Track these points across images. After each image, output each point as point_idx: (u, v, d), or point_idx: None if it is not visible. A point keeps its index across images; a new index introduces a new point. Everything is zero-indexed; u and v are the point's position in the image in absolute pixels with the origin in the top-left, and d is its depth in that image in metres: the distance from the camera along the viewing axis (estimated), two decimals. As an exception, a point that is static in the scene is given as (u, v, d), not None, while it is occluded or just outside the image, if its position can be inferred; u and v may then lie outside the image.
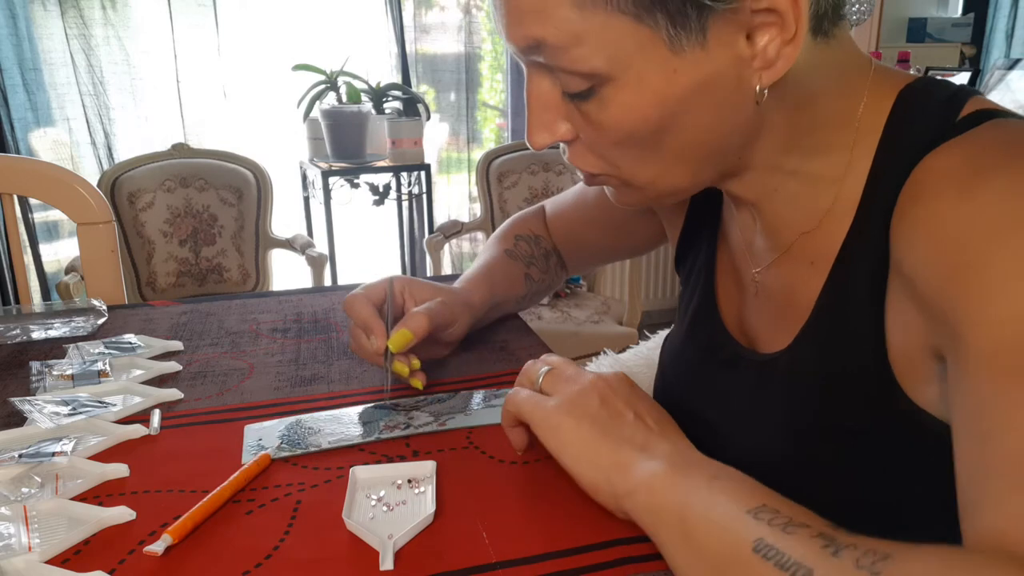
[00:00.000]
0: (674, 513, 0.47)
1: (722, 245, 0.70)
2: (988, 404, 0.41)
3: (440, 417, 0.69)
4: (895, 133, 0.54)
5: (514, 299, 0.90)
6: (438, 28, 2.79)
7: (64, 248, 2.53)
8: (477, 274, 0.87)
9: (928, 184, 0.49)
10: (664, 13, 0.46)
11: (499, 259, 0.90)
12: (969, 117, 0.51)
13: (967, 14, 3.21)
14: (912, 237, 0.49)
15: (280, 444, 0.64)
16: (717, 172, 0.57)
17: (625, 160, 0.55)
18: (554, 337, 2.14)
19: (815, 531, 0.42)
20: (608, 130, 0.52)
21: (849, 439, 0.56)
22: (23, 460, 0.60)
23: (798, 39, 0.47)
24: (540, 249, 0.93)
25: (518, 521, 0.54)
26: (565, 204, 0.94)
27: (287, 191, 2.68)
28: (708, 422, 0.64)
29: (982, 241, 0.44)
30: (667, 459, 0.51)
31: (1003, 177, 0.45)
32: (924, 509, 0.55)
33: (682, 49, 0.47)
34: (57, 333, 0.92)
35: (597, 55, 0.48)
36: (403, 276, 0.79)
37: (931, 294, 0.47)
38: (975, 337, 0.43)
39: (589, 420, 0.55)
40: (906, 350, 0.52)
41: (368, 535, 0.51)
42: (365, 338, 0.72)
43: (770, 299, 0.63)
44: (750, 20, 0.47)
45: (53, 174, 1.21)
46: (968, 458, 0.43)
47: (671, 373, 0.76)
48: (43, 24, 2.36)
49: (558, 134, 0.55)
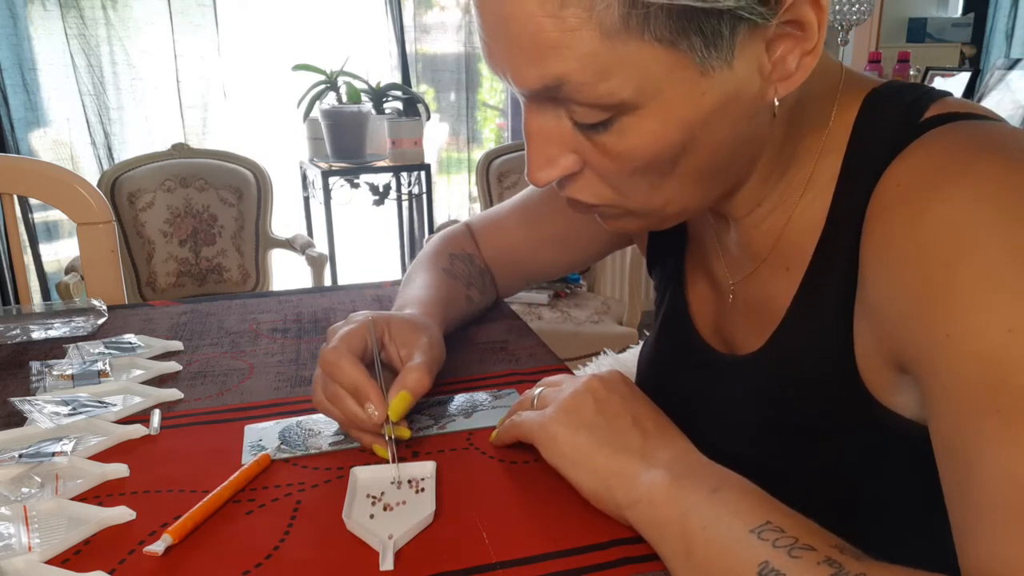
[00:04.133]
0: (676, 528, 0.47)
1: (691, 249, 0.70)
2: (969, 440, 0.41)
3: (440, 420, 0.68)
4: (860, 140, 0.53)
5: (458, 321, 0.83)
6: (438, 28, 2.79)
7: (64, 248, 2.53)
8: (431, 298, 0.77)
9: (886, 201, 0.48)
10: (699, 35, 0.43)
11: (443, 280, 0.82)
12: (930, 120, 0.50)
13: (967, 14, 3.21)
14: (874, 259, 0.49)
15: (280, 445, 0.64)
16: (725, 189, 0.55)
17: (637, 188, 0.51)
18: (554, 337, 2.14)
19: (822, 555, 0.41)
20: (626, 159, 0.49)
21: (821, 440, 0.56)
22: (23, 460, 0.60)
23: (817, 49, 0.46)
24: (475, 268, 0.87)
25: (518, 521, 0.54)
26: (499, 222, 0.88)
27: (287, 191, 2.68)
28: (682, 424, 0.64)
29: (940, 266, 0.43)
30: (667, 468, 0.50)
31: (954, 193, 0.44)
32: (896, 507, 0.55)
33: (711, 70, 0.45)
34: (57, 333, 0.92)
35: (626, 87, 0.45)
36: (379, 313, 0.67)
37: (893, 317, 0.47)
38: (945, 371, 0.43)
39: (586, 428, 0.55)
40: (872, 361, 0.52)
41: (368, 535, 0.51)
42: (356, 406, 0.60)
43: (747, 304, 0.62)
44: (772, 33, 0.46)
45: (53, 174, 1.21)
46: (956, 492, 0.43)
47: (645, 376, 0.75)
48: (43, 24, 2.36)
49: (562, 167, 0.51)
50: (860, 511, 0.56)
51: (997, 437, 0.39)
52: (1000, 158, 0.44)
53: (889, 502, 0.55)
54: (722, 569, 0.44)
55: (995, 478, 0.39)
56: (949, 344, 0.42)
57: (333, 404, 0.62)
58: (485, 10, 0.46)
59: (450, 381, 0.77)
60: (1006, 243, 0.41)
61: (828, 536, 0.44)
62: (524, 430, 0.59)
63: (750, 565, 0.42)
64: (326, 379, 0.62)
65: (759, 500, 0.47)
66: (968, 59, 3.11)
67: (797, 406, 0.57)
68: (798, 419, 0.57)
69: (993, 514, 0.39)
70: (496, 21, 0.46)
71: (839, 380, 0.53)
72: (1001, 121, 0.50)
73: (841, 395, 0.54)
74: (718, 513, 0.46)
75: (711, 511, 0.46)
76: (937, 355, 0.43)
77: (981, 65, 3.09)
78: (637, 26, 0.43)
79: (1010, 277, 0.41)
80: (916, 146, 0.49)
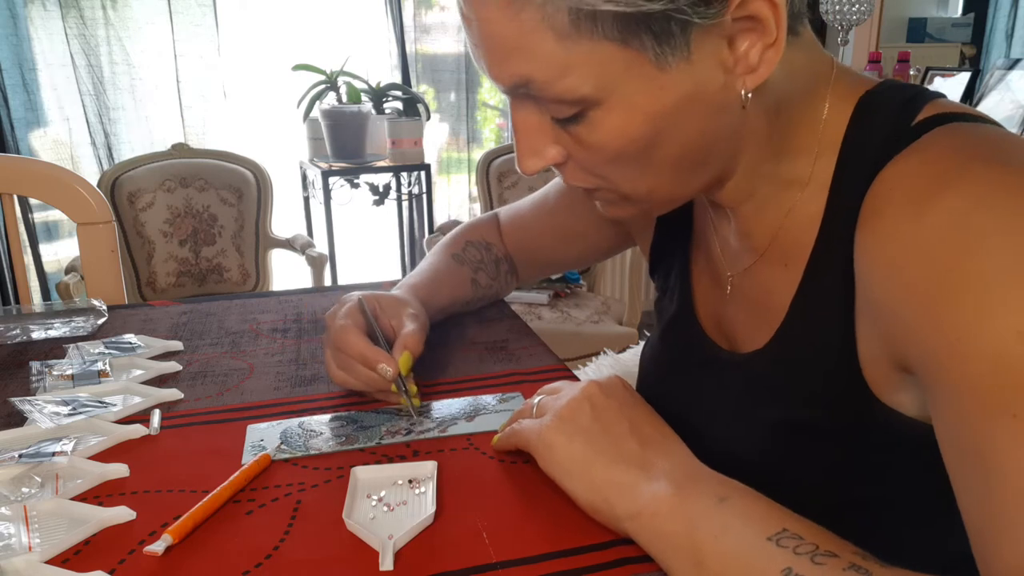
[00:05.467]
0: (683, 538, 0.46)
1: (696, 250, 0.70)
2: (984, 443, 0.41)
3: (442, 424, 0.68)
4: (854, 141, 0.54)
5: (460, 302, 0.90)
6: (438, 28, 2.79)
7: (64, 248, 2.53)
8: (420, 281, 0.85)
9: (881, 204, 0.49)
10: (649, 34, 0.45)
11: (444, 263, 0.90)
12: (923, 123, 0.50)
13: (967, 14, 3.20)
14: (870, 261, 0.49)
15: (280, 445, 0.64)
16: (710, 178, 0.57)
17: (619, 176, 0.54)
18: (554, 337, 2.14)
19: (846, 561, 0.41)
20: (600, 150, 0.52)
21: (824, 438, 0.56)
22: (23, 460, 0.60)
23: (779, 43, 0.47)
24: (491, 256, 0.92)
25: (518, 521, 0.54)
26: (522, 212, 0.94)
27: (287, 191, 2.68)
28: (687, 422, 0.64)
29: (942, 269, 0.43)
30: (670, 479, 0.50)
31: (951, 196, 0.44)
32: (896, 505, 0.55)
33: (668, 66, 0.47)
34: (57, 333, 0.92)
35: (585, 83, 0.48)
36: (366, 293, 0.76)
37: (895, 321, 0.47)
38: (956, 373, 0.42)
39: (582, 437, 0.54)
40: (875, 360, 0.52)
41: (368, 535, 0.51)
42: (366, 371, 0.68)
43: (747, 300, 0.63)
44: (731, 28, 0.47)
45: (53, 174, 1.21)
46: (973, 494, 0.42)
47: (650, 377, 0.76)
48: (43, 24, 2.36)
49: (548, 158, 0.54)
50: (858, 508, 0.55)
51: (1016, 440, 0.39)
52: (997, 162, 0.45)
53: (888, 499, 0.55)
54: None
55: (1019, 480, 0.39)
56: (959, 347, 0.42)
57: (347, 373, 0.70)
58: (463, 14, 0.50)
59: (450, 380, 0.77)
60: (1009, 246, 0.41)
61: (846, 543, 0.43)
62: (522, 438, 0.59)
63: (771, 573, 0.42)
64: (337, 354, 0.70)
65: (770, 508, 0.47)
66: (968, 59, 3.11)
67: (799, 404, 0.57)
68: (800, 417, 0.57)
69: (1019, 516, 0.39)
70: (469, 24, 0.50)
71: (842, 379, 0.53)
72: (993, 124, 0.50)
73: (844, 393, 0.54)
74: (729, 522, 0.46)
75: (721, 520, 0.46)
76: (945, 357, 0.43)
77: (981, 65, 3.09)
78: (587, 27, 0.45)
79: (1016, 280, 0.41)
80: (912, 149, 0.49)
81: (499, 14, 0.47)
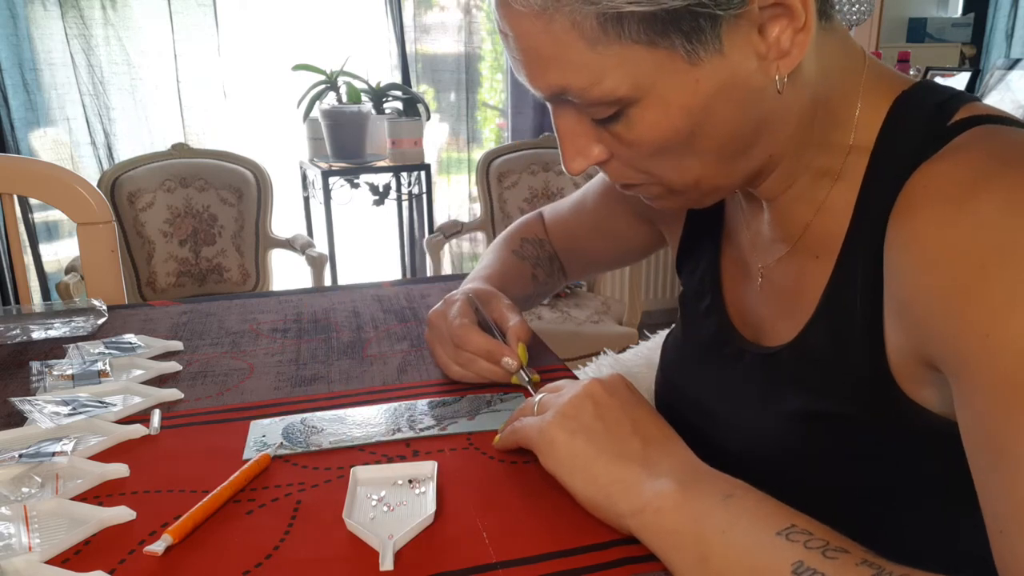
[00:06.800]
0: (688, 534, 0.46)
1: (726, 246, 0.71)
2: (1010, 439, 0.41)
3: (443, 421, 0.68)
4: (889, 138, 0.54)
5: (522, 298, 0.91)
6: (438, 28, 2.79)
7: (64, 248, 2.53)
8: (493, 273, 0.88)
9: (915, 201, 0.49)
10: (678, 32, 0.47)
11: (509, 259, 0.92)
12: (957, 124, 0.51)
13: (967, 14, 3.20)
14: (902, 259, 0.49)
15: (282, 442, 0.64)
16: (755, 167, 0.57)
17: (664, 169, 0.55)
18: (554, 337, 2.14)
19: (858, 557, 0.41)
20: (641, 146, 0.53)
21: (849, 431, 0.56)
22: (23, 460, 0.60)
23: (808, 26, 0.48)
24: (544, 252, 0.95)
25: (518, 521, 0.54)
26: (563, 211, 0.96)
27: (287, 191, 2.68)
28: (711, 413, 0.64)
29: (975, 267, 0.44)
30: (673, 476, 0.50)
31: (987, 199, 0.44)
32: (914, 502, 0.55)
33: (700, 60, 0.48)
34: (57, 333, 0.92)
35: (620, 85, 0.49)
36: (476, 288, 0.80)
37: (924, 316, 0.47)
38: (986, 369, 0.43)
39: (584, 434, 0.55)
40: (902, 355, 0.52)
41: (368, 535, 0.51)
42: (489, 365, 0.73)
43: (776, 291, 0.63)
44: (760, 16, 0.48)
45: (53, 174, 1.21)
46: (996, 491, 0.42)
47: (674, 367, 0.76)
48: (43, 24, 2.36)
49: (592, 157, 0.56)
50: (872, 503, 0.56)
51: None
52: None
53: (902, 496, 0.55)
54: (748, 572, 0.44)
55: None
56: (988, 343, 0.42)
57: (467, 369, 0.74)
58: (501, 30, 0.52)
59: (450, 381, 0.77)
60: None
61: (855, 543, 0.43)
62: (523, 436, 0.59)
63: (782, 566, 0.42)
64: (455, 351, 0.74)
65: (777, 506, 0.47)
66: (968, 59, 3.11)
67: (825, 397, 0.57)
68: (825, 410, 0.57)
69: None
70: (507, 39, 0.52)
71: (870, 374, 0.54)
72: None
73: (871, 387, 0.54)
74: (736, 518, 0.46)
75: (728, 516, 0.46)
76: (973, 354, 0.43)
77: (981, 65, 3.08)
78: (615, 31, 0.47)
79: None
80: (948, 150, 0.49)
81: (532, 26, 0.49)
